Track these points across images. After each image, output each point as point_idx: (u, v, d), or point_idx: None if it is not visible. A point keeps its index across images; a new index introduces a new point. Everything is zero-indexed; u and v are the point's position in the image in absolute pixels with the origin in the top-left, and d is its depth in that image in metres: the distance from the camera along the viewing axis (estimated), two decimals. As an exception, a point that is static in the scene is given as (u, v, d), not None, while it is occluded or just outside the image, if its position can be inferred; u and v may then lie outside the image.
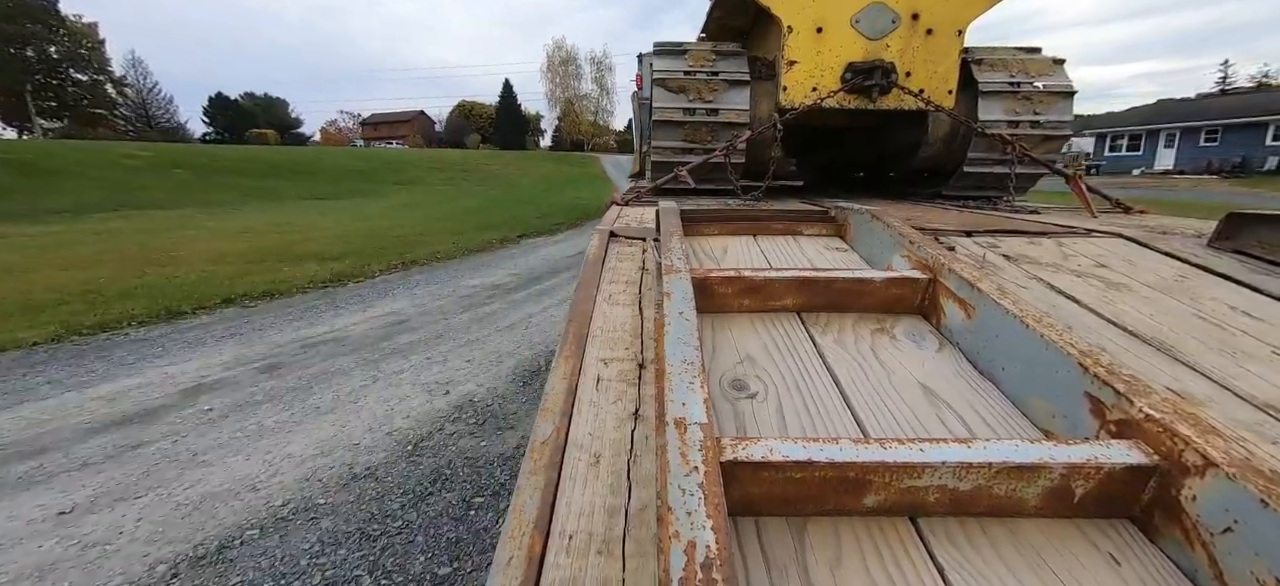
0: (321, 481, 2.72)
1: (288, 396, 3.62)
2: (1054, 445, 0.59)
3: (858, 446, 0.58)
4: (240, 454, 2.94)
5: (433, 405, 3.52)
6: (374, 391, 3.71)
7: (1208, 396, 0.82)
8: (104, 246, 8.51)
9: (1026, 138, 2.95)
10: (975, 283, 0.97)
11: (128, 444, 3.01)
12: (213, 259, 7.66)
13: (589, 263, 1.34)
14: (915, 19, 2.77)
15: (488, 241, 9.61)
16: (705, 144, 2.96)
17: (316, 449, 3.00)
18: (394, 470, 2.83)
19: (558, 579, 0.49)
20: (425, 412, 3.42)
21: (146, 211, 13.53)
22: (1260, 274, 1.32)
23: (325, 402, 3.53)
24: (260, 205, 15.76)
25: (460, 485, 2.72)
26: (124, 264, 7.21)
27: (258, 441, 3.07)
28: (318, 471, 2.80)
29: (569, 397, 0.76)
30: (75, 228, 10.66)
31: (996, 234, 1.71)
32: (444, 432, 3.21)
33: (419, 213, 13.84)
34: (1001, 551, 0.55)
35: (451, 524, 2.44)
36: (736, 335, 1.03)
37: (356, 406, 3.49)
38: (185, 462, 2.85)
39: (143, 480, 2.70)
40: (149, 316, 5.18)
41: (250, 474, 2.77)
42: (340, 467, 2.84)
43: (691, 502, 0.48)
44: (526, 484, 0.59)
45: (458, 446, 3.06)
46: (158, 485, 2.66)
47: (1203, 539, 0.52)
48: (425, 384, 3.84)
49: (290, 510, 2.50)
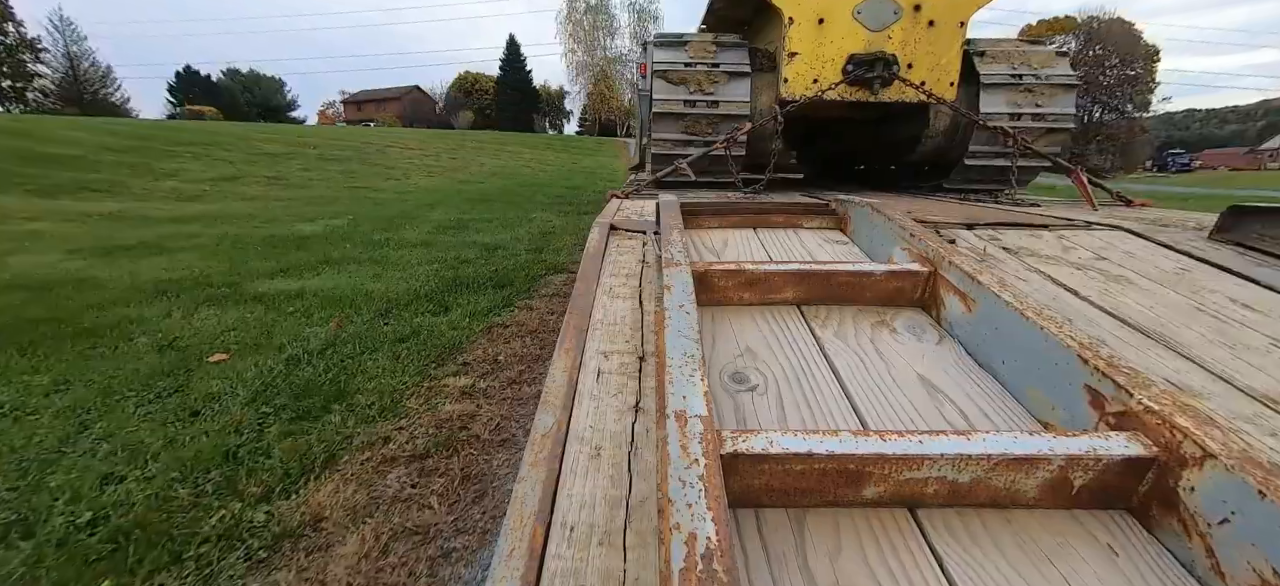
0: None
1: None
2: (1053, 437, 0.59)
3: (857, 438, 0.58)
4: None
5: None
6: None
7: (1207, 389, 0.82)
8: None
9: (1029, 130, 2.94)
10: (975, 275, 0.97)
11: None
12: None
13: (589, 256, 1.34)
14: (917, 11, 2.75)
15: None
16: (705, 136, 2.95)
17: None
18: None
19: (559, 569, 0.50)
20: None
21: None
22: (1261, 266, 1.31)
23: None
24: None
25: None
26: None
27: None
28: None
29: (570, 390, 0.76)
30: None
31: (998, 227, 1.70)
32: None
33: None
34: (1000, 542, 0.56)
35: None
36: (737, 328, 1.03)
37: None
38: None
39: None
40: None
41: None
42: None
43: (692, 494, 0.48)
44: (528, 475, 0.59)
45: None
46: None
47: (1200, 530, 0.52)
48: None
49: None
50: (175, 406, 2.01)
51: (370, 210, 7.33)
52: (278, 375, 2.25)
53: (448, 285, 3.60)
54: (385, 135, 23.40)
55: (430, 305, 3.20)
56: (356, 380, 2.23)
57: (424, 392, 2.17)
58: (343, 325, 2.84)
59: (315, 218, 6.56)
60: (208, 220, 6.38)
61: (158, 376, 2.24)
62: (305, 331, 2.75)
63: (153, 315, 3.00)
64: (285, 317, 2.97)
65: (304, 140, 16.85)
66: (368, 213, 7.06)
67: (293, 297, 3.30)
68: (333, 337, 2.65)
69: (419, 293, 3.41)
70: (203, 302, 3.22)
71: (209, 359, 2.43)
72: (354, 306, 3.14)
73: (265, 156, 13.07)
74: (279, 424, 1.89)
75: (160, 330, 2.77)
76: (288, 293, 3.41)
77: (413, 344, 2.60)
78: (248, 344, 2.60)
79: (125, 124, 18.72)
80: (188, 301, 3.23)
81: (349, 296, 3.31)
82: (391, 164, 14.37)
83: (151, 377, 2.24)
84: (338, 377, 2.24)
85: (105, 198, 7.63)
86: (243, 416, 1.92)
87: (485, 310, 3.13)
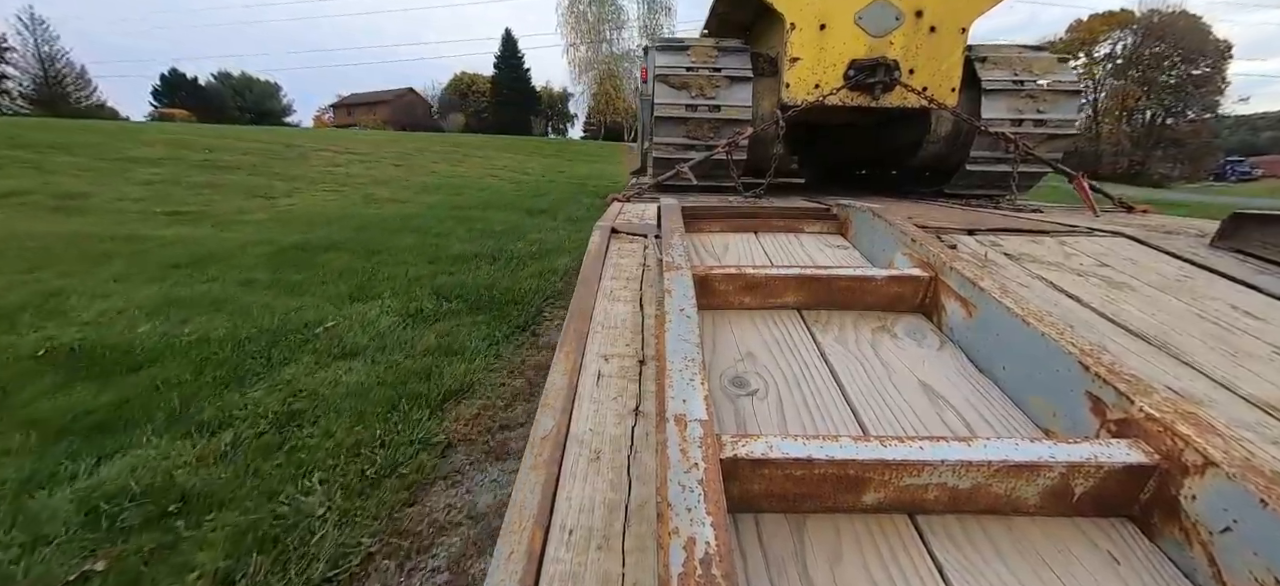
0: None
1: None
2: (1054, 444, 0.59)
3: (858, 444, 0.58)
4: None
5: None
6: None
7: (1209, 396, 0.82)
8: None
9: (1030, 136, 2.95)
10: (977, 281, 0.97)
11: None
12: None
13: (590, 259, 1.34)
14: (919, 16, 2.76)
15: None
16: (707, 140, 2.96)
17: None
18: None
19: (558, 573, 0.50)
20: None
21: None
22: (1263, 274, 1.31)
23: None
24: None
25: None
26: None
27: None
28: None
29: (569, 393, 0.76)
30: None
31: (999, 232, 1.70)
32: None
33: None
34: (1000, 549, 0.55)
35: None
36: (737, 332, 1.03)
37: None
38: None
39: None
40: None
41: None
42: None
43: (691, 499, 0.48)
44: (527, 478, 0.59)
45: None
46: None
47: (1202, 538, 0.52)
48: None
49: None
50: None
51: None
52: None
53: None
54: (327, 137, 19.25)
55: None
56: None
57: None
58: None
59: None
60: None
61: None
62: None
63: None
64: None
65: (204, 142, 12.90)
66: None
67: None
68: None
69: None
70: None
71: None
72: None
73: (117, 163, 9.31)
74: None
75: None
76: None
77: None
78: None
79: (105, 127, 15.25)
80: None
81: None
82: (296, 175, 10.24)
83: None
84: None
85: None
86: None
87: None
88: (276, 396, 2.32)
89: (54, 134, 11.88)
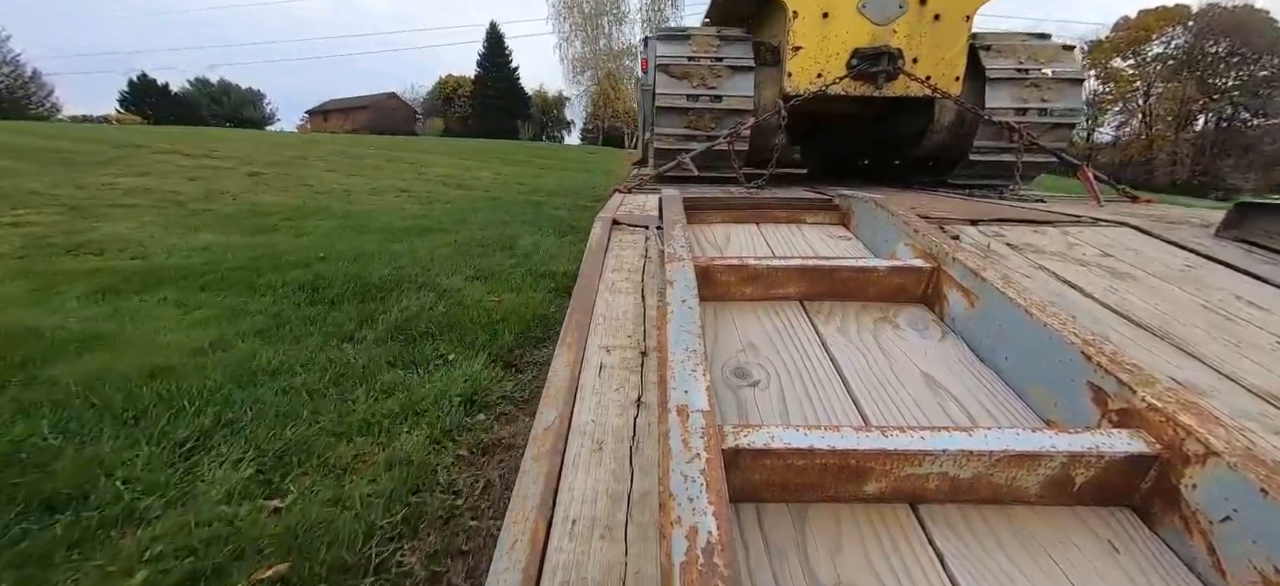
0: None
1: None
2: (1055, 434, 0.59)
3: (859, 434, 0.58)
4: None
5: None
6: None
7: (1212, 386, 0.82)
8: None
9: (1035, 125, 2.92)
10: (979, 271, 0.97)
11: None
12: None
13: (591, 251, 1.34)
14: (923, 4, 2.73)
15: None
16: (708, 131, 2.94)
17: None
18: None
19: (561, 563, 0.50)
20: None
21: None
22: (1267, 264, 1.31)
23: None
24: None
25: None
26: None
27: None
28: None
29: (572, 385, 0.76)
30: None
31: (1002, 223, 1.70)
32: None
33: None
34: (1001, 538, 0.56)
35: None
36: (739, 323, 1.03)
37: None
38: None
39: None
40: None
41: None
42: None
43: (693, 489, 0.48)
44: (530, 469, 0.59)
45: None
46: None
47: (1202, 527, 0.52)
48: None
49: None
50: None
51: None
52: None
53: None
54: (181, 136, 12.13)
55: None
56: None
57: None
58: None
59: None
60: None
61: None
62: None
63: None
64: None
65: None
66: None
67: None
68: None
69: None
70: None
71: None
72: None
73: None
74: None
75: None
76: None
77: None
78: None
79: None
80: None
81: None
82: (83, 188, 5.39)
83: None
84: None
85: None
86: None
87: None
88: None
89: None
